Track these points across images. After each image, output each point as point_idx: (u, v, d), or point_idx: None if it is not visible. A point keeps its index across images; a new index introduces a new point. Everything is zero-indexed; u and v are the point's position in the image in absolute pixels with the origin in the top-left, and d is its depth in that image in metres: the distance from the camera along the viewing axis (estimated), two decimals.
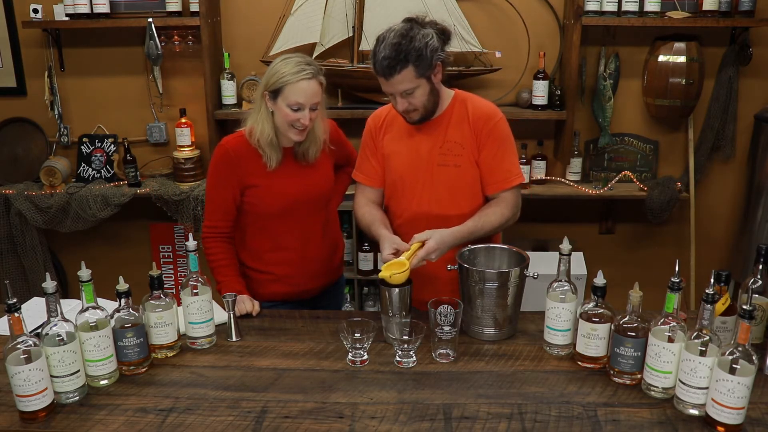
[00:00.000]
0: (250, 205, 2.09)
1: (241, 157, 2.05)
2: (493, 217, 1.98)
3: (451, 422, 1.47)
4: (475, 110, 1.99)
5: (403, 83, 1.85)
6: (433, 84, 1.90)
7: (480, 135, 1.97)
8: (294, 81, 1.93)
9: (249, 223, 2.13)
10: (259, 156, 2.04)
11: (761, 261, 1.67)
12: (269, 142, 2.01)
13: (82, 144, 3.46)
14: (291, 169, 2.08)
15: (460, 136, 1.98)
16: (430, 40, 1.83)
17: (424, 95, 1.90)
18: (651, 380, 1.55)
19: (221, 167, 2.06)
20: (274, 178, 2.06)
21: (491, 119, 1.98)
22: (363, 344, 1.71)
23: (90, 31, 3.31)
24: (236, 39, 3.37)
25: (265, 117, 2.00)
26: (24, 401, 1.47)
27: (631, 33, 3.28)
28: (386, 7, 3.19)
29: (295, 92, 1.93)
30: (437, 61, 1.86)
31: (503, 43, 3.30)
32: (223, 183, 2.07)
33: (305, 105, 1.95)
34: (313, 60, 2.03)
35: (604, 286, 1.65)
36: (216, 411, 1.52)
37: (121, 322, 1.65)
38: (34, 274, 3.47)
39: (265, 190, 2.07)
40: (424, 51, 1.82)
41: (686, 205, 3.50)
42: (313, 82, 1.95)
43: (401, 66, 1.82)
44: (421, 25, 1.86)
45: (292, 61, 1.95)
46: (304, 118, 1.96)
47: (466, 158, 1.98)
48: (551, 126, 3.45)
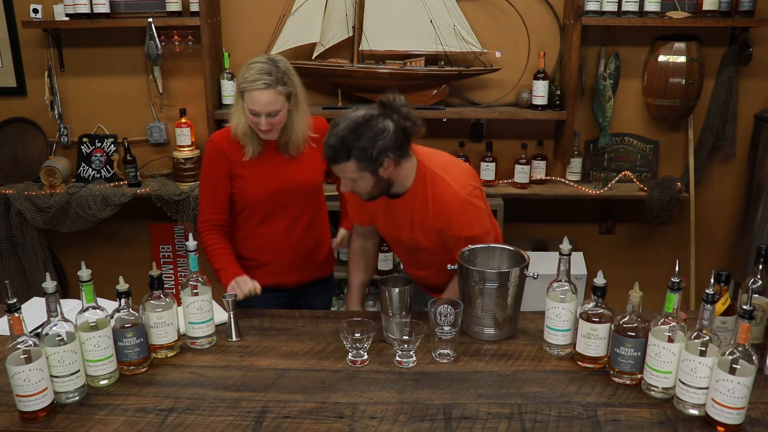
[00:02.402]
0: (237, 195, 2.16)
1: (227, 149, 2.12)
2: None
3: (451, 422, 1.47)
4: (435, 198, 1.90)
5: (345, 173, 1.82)
6: (379, 176, 1.83)
7: (438, 221, 1.91)
8: (250, 89, 1.97)
9: (236, 212, 2.21)
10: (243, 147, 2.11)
11: (761, 261, 1.67)
12: (245, 133, 2.08)
13: (82, 144, 3.46)
14: (274, 160, 2.14)
15: (425, 218, 1.93)
16: (381, 139, 1.75)
17: (368, 185, 1.85)
18: (651, 380, 1.55)
19: (211, 160, 2.15)
20: (256, 169, 2.13)
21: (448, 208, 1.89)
22: (363, 344, 1.71)
23: (90, 31, 3.31)
24: (236, 39, 3.37)
25: (240, 110, 2.06)
26: (24, 401, 1.47)
27: (631, 33, 3.28)
28: (386, 7, 3.19)
29: (250, 100, 1.98)
30: (385, 158, 1.78)
31: (503, 43, 3.29)
32: (215, 175, 2.15)
33: (260, 113, 1.99)
34: (283, 66, 2.02)
35: (604, 286, 1.65)
36: (216, 411, 1.52)
37: (121, 322, 1.65)
38: (34, 274, 3.47)
39: (249, 180, 2.13)
40: (369, 150, 1.75)
41: (686, 205, 3.50)
42: (268, 93, 1.97)
43: (342, 159, 1.78)
44: (387, 114, 1.78)
45: (255, 68, 1.98)
46: (261, 123, 2.01)
47: (434, 234, 1.95)
48: (551, 126, 3.45)
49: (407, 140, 1.83)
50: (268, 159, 2.13)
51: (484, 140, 3.41)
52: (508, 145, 3.45)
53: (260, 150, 2.11)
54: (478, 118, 3.37)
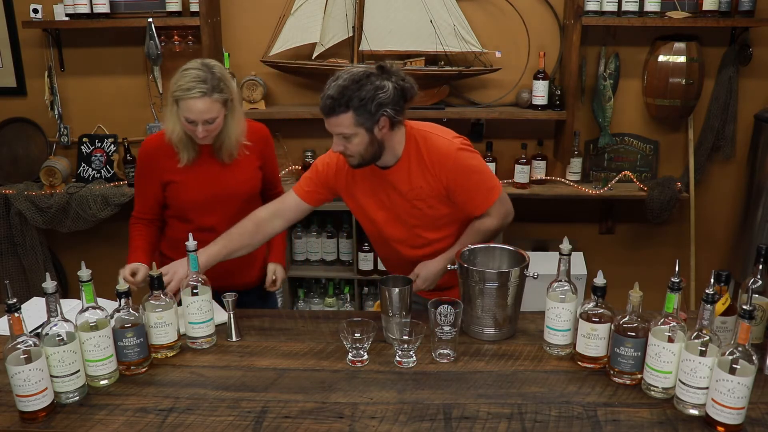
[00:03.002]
0: (171, 199, 2.17)
1: (159, 155, 2.11)
2: (479, 237, 2.01)
3: (451, 422, 1.47)
4: (429, 153, 1.91)
5: (340, 127, 1.81)
6: (374, 136, 1.83)
7: (441, 178, 1.92)
8: (185, 98, 1.95)
9: (171, 215, 2.21)
10: (177, 153, 2.09)
11: (761, 261, 1.67)
12: (179, 139, 2.06)
13: (82, 144, 3.47)
14: (209, 165, 2.13)
15: (424, 181, 1.93)
16: (381, 93, 1.77)
17: (362, 144, 1.83)
18: (651, 380, 1.55)
19: (141, 165, 2.18)
20: (191, 174, 2.12)
21: (447, 159, 1.91)
22: (363, 344, 1.71)
23: (90, 31, 3.31)
24: (236, 39, 3.37)
25: (175, 117, 2.03)
26: (24, 401, 1.47)
27: (631, 33, 3.28)
28: (386, 7, 3.19)
29: (186, 108, 1.96)
30: (382, 115, 1.79)
31: (503, 43, 3.30)
32: (145, 180, 2.17)
33: (197, 121, 1.97)
34: (218, 72, 2.00)
35: (604, 286, 1.65)
36: (216, 411, 1.52)
37: (121, 322, 1.65)
38: (34, 274, 3.47)
39: (182, 186, 2.13)
40: (369, 103, 1.76)
41: (686, 205, 3.50)
42: (204, 101, 1.95)
43: (341, 110, 1.77)
44: (385, 76, 1.80)
45: (189, 75, 1.96)
46: (198, 131, 1.99)
47: (435, 199, 1.96)
48: (551, 126, 3.45)
49: (404, 102, 1.85)
50: (202, 164, 2.12)
51: (484, 140, 3.41)
52: (508, 145, 3.45)
53: (195, 156, 2.10)
54: (478, 118, 3.37)
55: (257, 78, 3.31)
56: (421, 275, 2.00)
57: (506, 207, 2.03)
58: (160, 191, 2.15)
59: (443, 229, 2.03)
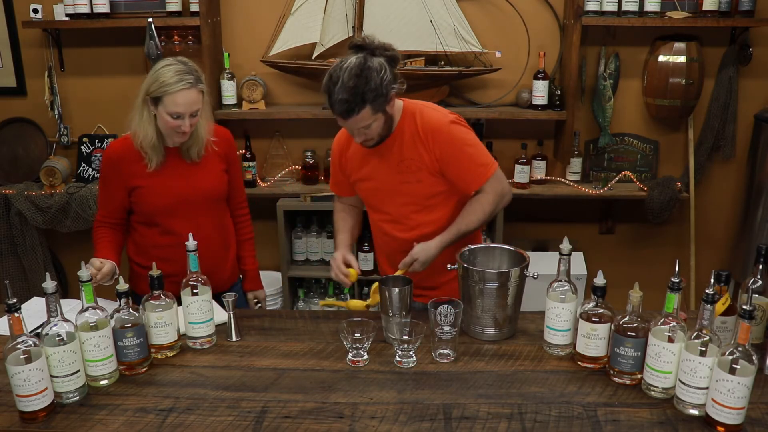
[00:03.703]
0: (138, 204, 2.12)
1: (123, 160, 2.07)
2: (475, 216, 1.99)
3: (451, 422, 1.47)
4: (423, 125, 1.95)
5: (361, 122, 1.84)
6: (387, 114, 1.90)
7: (434, 150, 1.95)
8: (173, 91, 1.94)
9: (137, 221, 2.17)
10: (143, 158, 2.06)
11: (761, 261, 1.67)
12: (151, 144, 2.03)
13: (82, 144, 3.46)
14: (176, 168, 2.10)
15: (415, 152, 1.97)
16: (384, 74, 1.81)
17: (380, 126, 1.90)
18: (651, 380, 1.55)
19: (106, 172, 2.12)
20: (158, 178, 2.08)
21: (440, 131, 1.94)
22: (363, 344, 1.71)
23: (90, 31, 3.31)
24: (236, 39, 3.37)
25: (147, 120, 2.01)
26: (24, 401, 1.47)
27: (631, 33, 3.28)
28: (386, 7, 3.19)
29: (174, 102, 1.95)
30: (390, 92, 1.85)
31: (503, 43, 3.29)
32: (109, 186, 2.12)
33: (184, 114, 1.96)
34: (193, 65, 2.01)
35: (604, 286, 1.65)
36: (216, 411, 1.52)
37: (121, 322, 1.65)
38: (34, 274, 3.47)
39: (150, 190, 2.09)
40: (379, 89, 1.80)
41: (686, 205, 3.50)
42: (193, 92, 1.96)
43: (359, 108, 1.80)
44: (371, 53, 1.83)
45: (173, 69, 1.95)
46: (184, 125, 1.98)
47: (426, 173, 1.98)
48: (551, 126, 3.45)
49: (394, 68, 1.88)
50: (169, 167, 2.09)
51: (484, 140, 3.39)
52: (508, 145, 3.45)
53: (162, 159, 2.08)
54: (478, 118, 3.37)
55: (257, 78, 3.31)
56: (420, 258, 1.96)
57: (502, 185, 2.02)
58: (125, 197, 2.11)
59: (433, 211, 2.03)
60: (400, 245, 2.06)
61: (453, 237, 1.98)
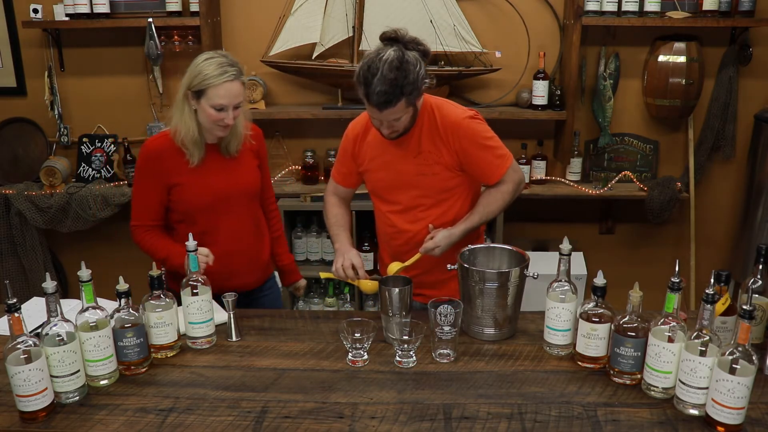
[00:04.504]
0: (177, 203, 2.10)
1: (163, 157, 2.05)
2: (496, 205, 2.04)
3: (451, 422, 1.47)
4: (443, 120, 1.98)
5: (395, 114, 1.86)
6: (416, 107, 1.93)
7: (453, 145, 1.98)
8: (217, 83, 1.94)
9: (176, 219, 2.14)
10: (183, 154, 2.05)
11: (761, 261, 1.67)
12: (193, 140, 2.03)
13: (82, 144, 3.46)
14: (215, 164, 2.10)
15: (433, 146, 1.99)
16: (419, 68, 1.83)
17: (408, 119, 1.93)
18: (651, 380, 1.55)
19: (144, 169, 2.08)
20: (199, 175, 2.07)
21: (460, 126, 1.97)
22: (363, 344, 1.71)
23: (90, 31, 3.31)
24: (236, 39, 3.37)
25: (189, 115, 2.01)
26: (24, 401, 1.47)
27: (631, 33, 3.28)
28: (386, 7, 3.19)
29: (218, 94, 1.95)
30: (424, 86, 1.87)
31: (503, 43, 3.30)
32: (148, 184, 2.08)
33: (228, 106, 1.97)
34: (234, 58, 2.03)
35: (604, 286, 1.65)
36: (216, 411, 1.52)
37: (121, 322, 1.65)
38: (34, 274, 3.47)
39: (190, 187, 2.07)
40: (416, 83, 1.82)
41: (686, 205, 3.50)
42: (236, 84, 1.97)
43: (397, 99, 1.81)
44: (405, 46, 1.83)
45: (215, 62, 1.96)
46: (228, 117, 1.98)
47: (443, 166, 2.00)
48: (551, 126, 3.45)
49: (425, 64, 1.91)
50: (208, 163, 2.08)
51: None
52: (508, 145, 3.34)
53: (203, 155, 2.07)
54: None
55: (257, 78, 3.31)
56: (442, 245, 1.95)
57: (519, 174, 2.08)
58: (164, 194, 2.08)
59: (444, 205, 2.05)
60: (406, 237, 2.07)
61: (475, 224, 2.02)
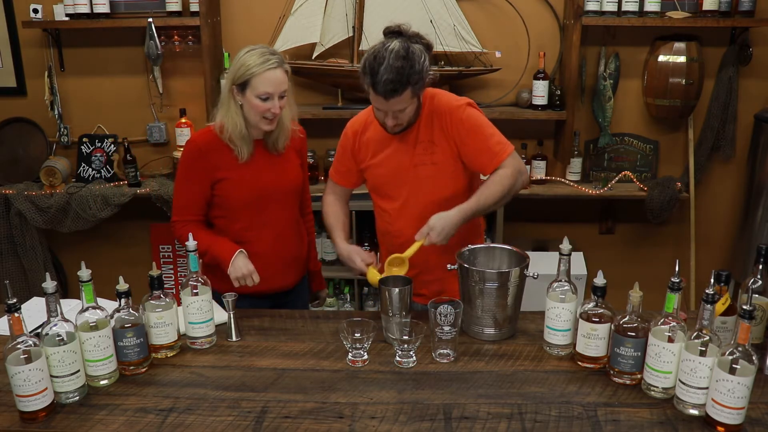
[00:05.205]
0: (221, 198, 2.09)
1: (210, 151, 2.04)
2: (495, 189, 1.95)
3: (451, 422, 1.47)
4: (440, 107, 2.00)
5: (400, 104, 1.87)
6: (419, 99, 1.95)
7: (450, 130, 1.98)
8: (261, 72, 1.94)
9: (220, 215, 2.13)
10: (229, 149, 2.04)
11: (761, 261, 1.67)
12: (241, 135, 2.02)
13: (82, 144, 3.46)
14: (262, 160, 2.09)
15: (431, 134, 2.01)
16: (424, 60, 1.85)
17: (412, 111, 1.94)
18: (651, 380, 1.55)
19: (191, 162, 2.06)
20: (245, 170, 2.06)
21: (454, 112, 1.98)
22: (363, 344, 1.71)
23: (90, 31, 3.31)
24: (236, 39, 3.37)
25: (235, 111, 2.01)
26: (24, 401, 1.47)
27: (631, 33, 3.28)
28: (386, 7, 3.19)
29: (262, 83, 1.95)
30: (428, 78, 1.90)
31: (503, 43, 3.30)
32: (193, 178, 2.06)
33: (274, 94, 1.97)
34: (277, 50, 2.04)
35: (604, 286, 1.65)
36: (216, 411, 1.52)
37: (121, 322, 1.65)
38: (34, 274, 3.47)
39: (236, 183, 2.06)
40: (421, 72, 1.84)
41: (686, 205, 3.50)
42: (279, 71, 1.97)
43: (402, 89, 1.83)
44: (407, 40, 1.86)
45: (257, 53, 1.97)
46: (274, 107, 1.98)
47: (440, 155, 2.01)
48: (551, 126, 3.45)
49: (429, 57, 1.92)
50: (255, 159, 2.07)
51: None
52: None
53: (251, 151, 2.07)
54: None
55: None
56: (437, 227, 1.87)
57: (519, 163, 2.01)
58: (208, 189, 2.06)
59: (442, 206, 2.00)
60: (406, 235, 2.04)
61: (473, 208, 1.93)
